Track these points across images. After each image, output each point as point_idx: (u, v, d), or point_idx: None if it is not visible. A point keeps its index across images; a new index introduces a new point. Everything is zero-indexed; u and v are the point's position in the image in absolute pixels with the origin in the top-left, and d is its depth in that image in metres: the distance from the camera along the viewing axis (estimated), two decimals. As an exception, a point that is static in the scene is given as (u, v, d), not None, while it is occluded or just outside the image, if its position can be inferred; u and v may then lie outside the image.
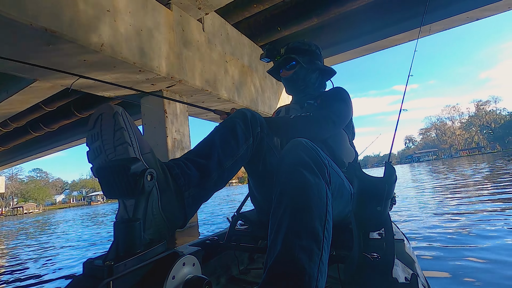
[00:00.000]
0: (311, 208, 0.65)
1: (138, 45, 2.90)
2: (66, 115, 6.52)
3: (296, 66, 1.21)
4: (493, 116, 75.53)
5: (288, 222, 0.63)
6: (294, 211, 0.64)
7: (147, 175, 0.65)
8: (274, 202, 0.69)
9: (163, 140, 3.48)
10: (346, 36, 4.99)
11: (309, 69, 1.20)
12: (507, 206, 2.63)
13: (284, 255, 0.59)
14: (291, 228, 0.62)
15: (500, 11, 4.23)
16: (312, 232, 0.63)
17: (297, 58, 1.18)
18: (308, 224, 0.63)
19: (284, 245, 0.60)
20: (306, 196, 0.66)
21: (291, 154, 0.71)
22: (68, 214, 17.65)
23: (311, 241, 0.61)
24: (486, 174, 6.65)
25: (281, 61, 1.24)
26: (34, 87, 3.80)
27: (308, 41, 1.26)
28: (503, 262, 1.36)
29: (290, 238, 0.61)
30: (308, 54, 1.22)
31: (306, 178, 0.66)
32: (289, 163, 0.70)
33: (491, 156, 24.16)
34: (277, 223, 0.65)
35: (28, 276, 2.27)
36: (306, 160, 0.69)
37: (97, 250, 3.12)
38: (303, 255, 0.59)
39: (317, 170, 0.69)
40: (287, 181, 0.68)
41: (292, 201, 0.66)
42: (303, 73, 1.20)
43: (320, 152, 0.72)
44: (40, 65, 1.38)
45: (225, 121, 0.93)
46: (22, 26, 2.04)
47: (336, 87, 1.21)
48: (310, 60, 1.21)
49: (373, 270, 0.69)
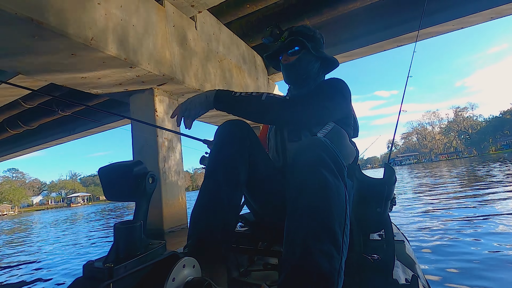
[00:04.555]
0: (331, 210, 0.62)
1: (129, 41, 2.81)
2: (47, 113, 6.26)
3: (300, 52, 1.08)
4: (470, 122, 79.19)
5: (308, 224, 0.61)
6: (314, 212, 0.62)
7: (148, 177, 0.66)
8: (290, 201, 0.67)
9: (153, 140, 3.39)
10: (335, 40, 5.06)
11: (314, 56, 1.09)
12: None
13: (304, 259, 0.58)
14: (311, 231, 0.60)
15: (484, 20, 4.42)
16: (333, 236, 0.61)
17: (305, 42, 1.07)
18: (328, 227, 0.61)
19: (304, 249, 0.59)
20: (326, 197, 0.63)
21: (310, 152, 0.68)
22: (46, 217, 16.88)
23: (331, 246, 0.60)
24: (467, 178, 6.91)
25: (286, 44, 1.10)
26: (13, 82, 3.61)
27: (312, 27, 1.16)
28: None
29: (310, 242, 0.59)
30: (313, 40, 1.11)
31: (326, 179, 0.64)
32: (307, 162, 0.67)
33: (467, 160, 25.22)
34: (295, 224, 0.63)
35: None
36: (326, 160, 0.66)
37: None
38: (324, 260, 0.58)
39: (337, 171, 0.66)
40: (306, 180, 0.65)
41: (311, 202, 0.63)
42: (306, 61, 1.08)
43: (338, 152, 0.70)
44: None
45: (218, 164, 0.88)
46: (6, 14, 1.91)
47: (332, 78, 1.09)
48: (315, 47, 1.10)
49: (373, 271, 0.70)
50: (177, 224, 3.47)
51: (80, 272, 0.52)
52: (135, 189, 0.65)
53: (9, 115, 6.34)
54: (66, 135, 7.97)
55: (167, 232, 3.28)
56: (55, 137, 8.22)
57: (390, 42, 4.84)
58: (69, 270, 2.30)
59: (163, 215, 3.30)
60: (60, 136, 8.08)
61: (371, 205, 0.70)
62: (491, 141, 65.79)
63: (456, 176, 7.73)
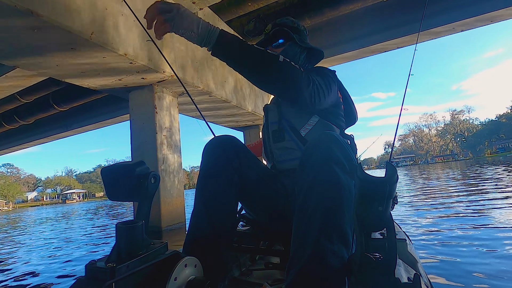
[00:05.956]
0: (342, 209, 0.62)
1: (128, 36, 2.78)
2: (44, 108, 6.18)
3: (286, 44, 1.06)
4: (467, 125, 79.83)
5: (320, 223, 0.60)
6: (326, 210, 0.61)
7: (151, 177, 0.65)
8: (301, 196, 0.65)
9: (152, 137, 3.36)
10: (335, 40, 5.06)
11: (300, 47, 1.07)
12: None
13: (315, 260, 0.58)
14: (323, 230, 0.60)
15: (482, 24, 4.44)
16: (344, 236, 0.61)
17: (290, 33, 1.04)
18: (340, 227, 0.61)
19: (316, 248, 0.58)
20: (338, 195, 0.62)
21: (322, 147, 0.66)
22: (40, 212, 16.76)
23: (342, 246, 0.60)
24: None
25: (270, 36, 1.07)
26: (10, 76, 3.57)
27: (295, 20, 1.14)
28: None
29: (322, 242, 0.59)
30: (297, 32, 1.10)
31: (338, 176, 0.63)
32: (319, 157, 0.65)
33: (463, 163, 25.41)
34: (306, 221, 0.62)
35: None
36: (338, 156, 0.65)
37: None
38: (336, 261, 0.58)
39: (349, 168, 0.65)
40: (317, 176, 0.64)
41: (323, 199, 0.62)
42: (292, 52, 1.05)
43: (350, 149, 0.69)
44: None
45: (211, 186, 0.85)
46: (5, 6, 1.88)
47: (319, 66, 1.07)
48: (300, 39, 1.09)
49: (375, 270, 0.69)
50: (175, 222, 3.46)
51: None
52: (137, 189, 0.65)
53: (5, 109, 6.27)
54: (63, 131, 7.90)
55: (164, 230, 3.26)
56: (52, 133, 8.14)
57: (390, 44, 4.84)
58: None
59: (161, 213, 3.29)
60: (57, 131, 7.99)
61: (373, 204, 0.70)
62: (486, 144, 66.43)
63: (455, 177, 7.78)
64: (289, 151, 0.98)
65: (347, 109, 1.09)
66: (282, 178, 0.98)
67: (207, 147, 0.88)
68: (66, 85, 4.99)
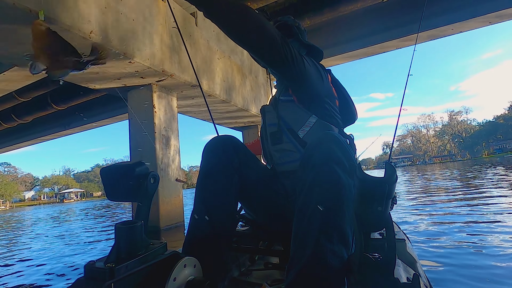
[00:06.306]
0: (343, 209, 0.62)
1: (128, 35, 2.77)
2: (42, 106, 6.15)
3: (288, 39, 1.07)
4: (464, 126, 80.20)
5: (320, 223, 0.61)
6: (326, 210, 0.61)
7: (150, 177, 0.65)
8: (301, 196, 0.66)
9: (151, 136, 3.35)
10: (335, 41, 5.06)
11: (301, 44, 1.08)
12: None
13: (315, 259, 0.58)
14: (323, 230, 0.60)
15: (481, 25, 4.45)
16: (343, 237, 0.61)
17: (294, 27, 1.05)
18: (340, 227, 0.61)
19: (316, 248, 0.59)
20: (339, 195, 0.62)
21: (323, 147, 0.67)
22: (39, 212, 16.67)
23: (342, 246, 0.60)
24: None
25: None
26: (8, 75, 3.54)
27: (294, 18, 1.16)
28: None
29: (322, 242, 0.59)
30: (298, 30, 1.11)
31: (339, 176, 0.63)
32: (320, 157, 0.66)
33: (461, 164, 25.51)
34: (306, 221, 0.62)
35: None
36: (339, 156, 0.65)
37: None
38: (335, 261, 0.58)
39: (350, 168, 0.65)
40: (318, 176, 0.64)
41: (323, 199, 0.62)
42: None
43: (350, 149, 0.69)
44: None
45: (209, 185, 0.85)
46: (4, 4, 1.87)
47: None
48: (302, 36, 1.11)
49: (374, 270, 0.69)
50: (173, 221, 3.45)
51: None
52: (136, 190, 0.66)
53: (3, 108, 6.23)
54: (61, 130, 7.86)
55: (163, 230, 3.26)
56: (50, 132, 8.09)
57: (389, 44, 4.85)
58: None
59: (159, 212, 3.28)
60: (55, 130, 7.95)
61: (372, 204, 0.70)
62: (484, 145, 66.76)
63: (455, 177, 7.81)
64: (288, 153, 0.98)
65: (346, 107, 1.09)
66: (282, 178, 0.98)
67: (207, 147, 0.88)
68: (64, 84, 4.96)
